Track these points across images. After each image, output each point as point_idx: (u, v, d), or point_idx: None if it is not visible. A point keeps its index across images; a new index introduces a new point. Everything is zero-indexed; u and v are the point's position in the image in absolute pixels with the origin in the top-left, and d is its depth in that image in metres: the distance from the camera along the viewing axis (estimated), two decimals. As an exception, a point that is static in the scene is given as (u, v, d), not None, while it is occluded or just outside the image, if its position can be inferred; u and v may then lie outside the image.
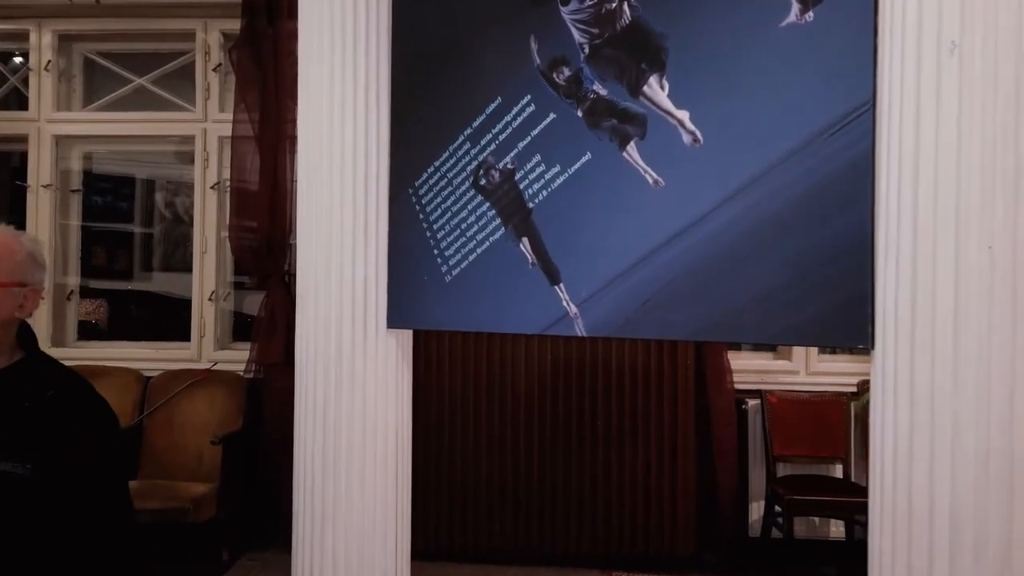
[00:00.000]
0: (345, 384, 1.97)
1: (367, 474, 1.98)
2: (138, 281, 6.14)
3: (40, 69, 4.04)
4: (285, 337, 3.62)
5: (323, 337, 1.99)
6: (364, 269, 1.98)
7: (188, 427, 3.81)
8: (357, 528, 1.96)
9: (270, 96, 3.68)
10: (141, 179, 6.19)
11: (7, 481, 1.35)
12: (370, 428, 1.98)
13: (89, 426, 1.50)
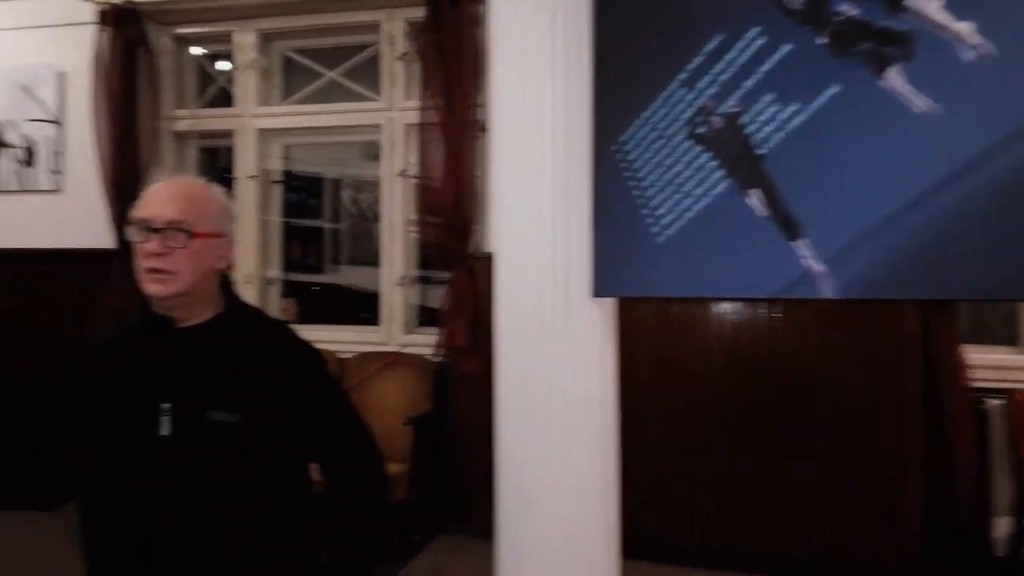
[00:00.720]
0: (546, 358, 1.83)
1: (572, 455, 1.83)
2: (327, 274, 6.48)
3: (245, 66, 4.29)
4: (470, 322, 3.60)
5: (524, 311, 1.86)
6: (567, 235, 1.82)
7: (380, 408, 3.89)
8: (564, 514, 1.82)
9: (454, 82, 3.66)
10: (329, 178, 6.52)
11: (222, 430, 1.35)
12: (573, 405, 1.83)
13: (305, 363, 1.53)
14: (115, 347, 1.44)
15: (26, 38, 4.37)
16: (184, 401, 1.36)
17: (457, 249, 3.64)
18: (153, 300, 1.39)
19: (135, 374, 1.38)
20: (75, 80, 4.25)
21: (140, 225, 1.37)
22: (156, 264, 1.36)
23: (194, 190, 1.45)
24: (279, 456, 1.42)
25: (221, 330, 1.44)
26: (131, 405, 1.35)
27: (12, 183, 4.38)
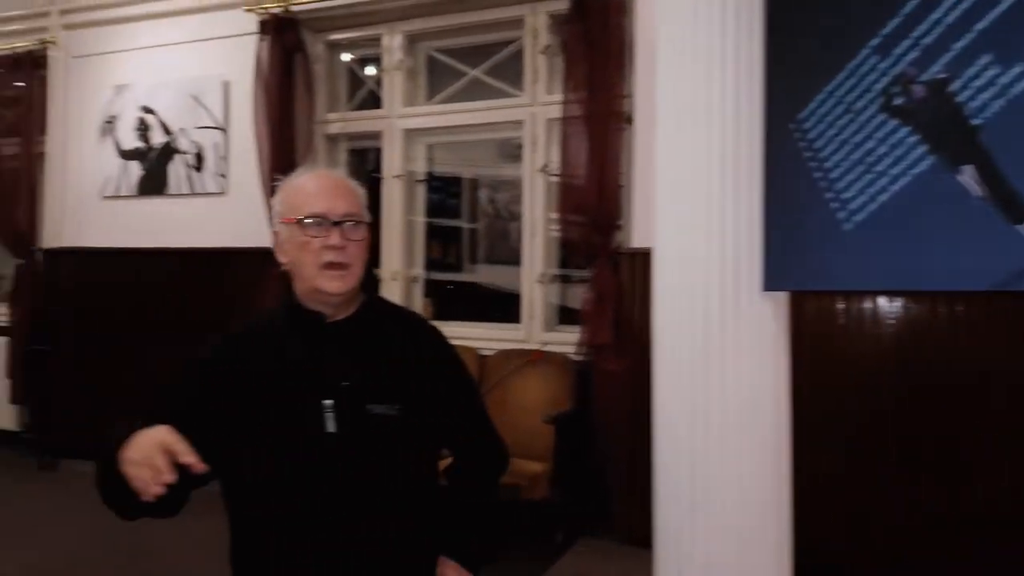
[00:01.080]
0: (714, 358, 1.70)
1: (744, 461, 1.69)
2: (465, 273, 6.55)
3: (392, 68, 4.40)
4: (613, 319, 3.49)
5: (687, 306, 1.74)
6: (735, 224, 1.69)
7: (521, 406, 3.86)
8: (734, 525, 1.68)
9: (598, 73, 3.57)
10: (467, 178, 6.59)
11: (383, 423, 1.35)
12: (746, 407, 1.69)
13: (444, 353, 1.53)
14: (265, 344, 1.40)
15: (195, 51, 4.69)
16: (345, 396, 1.35)
17: (600, 245, 3.54)
18: (323, 297, 1.38)
19: (293, 371, 1.36)
20: (238, 88, 4.52)
21: (315, 220, 1.35)
22: (336, 258, 1.35)
23: (349, 183, 1.46)
24: (431, 445, 1.45)
25: (368, 323, 1.44)
26: (294, 403, 1.33)
27: (183, 187, 4.72)
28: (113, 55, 4.98)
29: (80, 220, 5.09)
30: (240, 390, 1.33)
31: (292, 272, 1.40)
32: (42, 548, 3.53)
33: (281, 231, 1.39)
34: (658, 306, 1.83)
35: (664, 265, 1.81)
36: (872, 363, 3.14)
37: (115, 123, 4.93)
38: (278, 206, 1.41)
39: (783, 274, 1.64)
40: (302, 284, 1.38)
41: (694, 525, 1.72)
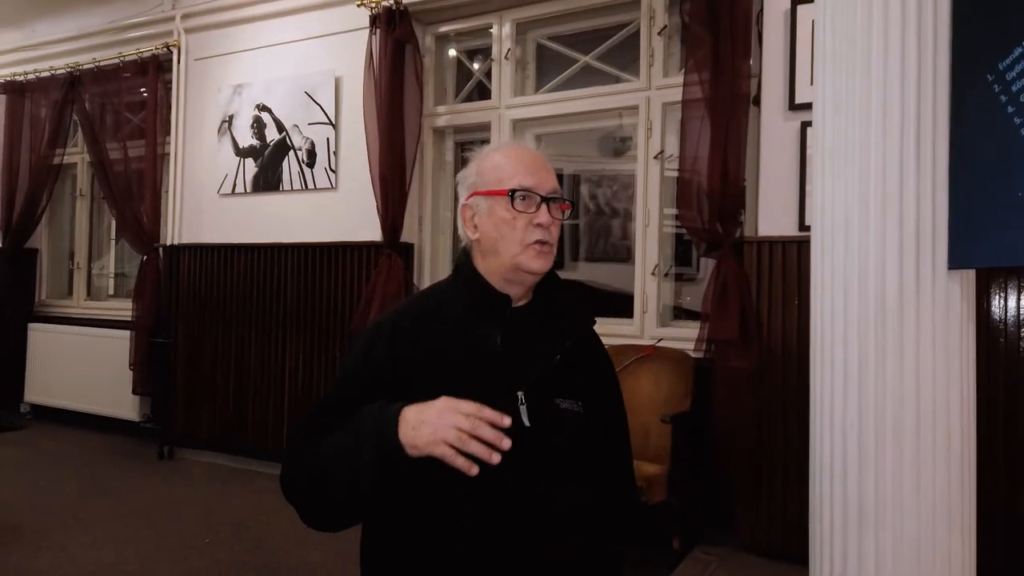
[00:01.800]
0: (890, 346, 1.50)
1: (923, 465, 1.48)
2: (567, 271, 6.43)
3: (500, 58, 4.32)
4: (739, 311, 3.27)
5: (855, 288, 1.54)
6: (915, 192, 1.48)
7: (634, 404, 3.66)
8: (910, 537, 1.47)
9: (723, 52, 3.36)
10: (568, 174, 6.48)
11: (569, 418, 1.30)
12: (927, 403, 1.48)
13: (609, 365, 1.47)
14: (450, 325, 1.30)
15: (309, 47, 4.77)
16: (536, 388, 1.28)
17: (724, 234, 3.33)
18: (521, 276, 1.31)
19: (485, 358, 1.28)
20: (349, 83, 4.55)
21: (526, 193, 1.29)
22: (544, 236, 1.29)
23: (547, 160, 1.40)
24: (606, 445, 1.37)
25: (548, 312, 1.37)
26: (489, 392, 1.23)
27: (296, 183, 4.80)
28: (231, 56, 5.14)
29: (199, 217, 5.27)
30: (431, 374, 1.25)
31: (481, 248, 1.33)
32: (158, 535, 3.63)
33: (477, 204, 1.32)
34: (817, 294, 1.64)
35: (825, 246, 1.61)
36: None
37: (232, 122, 5.07)
38: (475, 177, 1.34)
39: (975, 249, 1.43)
40: (498, 261, 1.30)
41: (862, 541, 1.52)
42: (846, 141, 1.55)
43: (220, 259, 5.13)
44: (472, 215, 1.33)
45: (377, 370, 1.26)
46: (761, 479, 3.28)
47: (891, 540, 1.48)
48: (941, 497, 1.47)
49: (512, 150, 1.35)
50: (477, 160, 1.36)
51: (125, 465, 4.94)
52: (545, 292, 1.37)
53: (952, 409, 1.48)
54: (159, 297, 5.33)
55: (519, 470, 1.20)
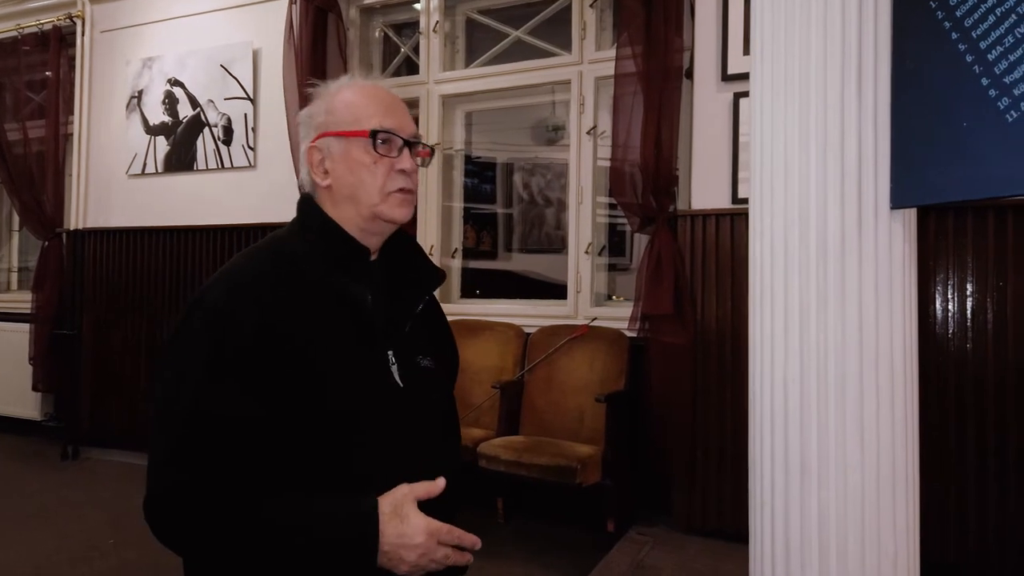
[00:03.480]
0: (832, 292, 1.42)
1: (867, 415, 1.41)
2: (501, 261, 6.32)
3: (429, 32, 4.16)
4: (674, 286, 3.21)
5: (796, 232, 1.46)
6: (857, 129, 1.41)
7: (567, 385, 3.59)
8: (855, 490, 1.40)
9: (656, 27, 3.29)
10: (501, 163, 6.37)
11: (430, 377, 1.22)
12: (869, 349, 1.41)
13: (441, 309, 1.40)
14: (307, 282, 1.12)
15: (224, 18, 4.51)
16: (401, 347, 1.18)
17: (658, 208, 3.27)
18: (380, 227, 1.19)
19: (351, 316, 1.13)
20: (268, 56, 4.32)
21: (387, 136, 1.15)
22: (407, 184, 1.17)
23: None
24: (451, 406, 1.32)
25: (397, 263, 1.25)
26: (367, 357, 1.13)
27: (212, 161, 4.53)
28: (140, 28, 4.83)
29: (106, 200, 4.93)
30: (307, 346, 1.07)
31: (333, 195, 1.18)
32: (58, 538, 3.36)
33: (329, 146, 1.17)
34: (756, 241, 1.55)
35: (764, 190, 1.52)
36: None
37: (142, 98, 4.76)
38: (324, 115, 1.19)
39: (919, 185, 1.36)
40: (355, 210, 1.17)
41: (804, 497, 1.44)
42: (785, 77, 1.47)
43: (130, 244, 4.80)
44: (321, 158, 1.18)
45: (245, 361, 1.03)
46: (696, 457, 3.23)
47: (835, 494, 1.40)
48: (885, 447, 1.40)
49: (367, 87, 1.20)
50: (325, 97, 1.20)
51: (24, 467, 4.58)
52: (391, 243, 1.24)
53: (895, 356, 1.41)
54: (62, 286, 4.97)
55: (400, 435, 1.12)
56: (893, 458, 1.41)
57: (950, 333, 2.82)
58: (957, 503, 2.77)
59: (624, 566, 2.88)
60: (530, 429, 3.60)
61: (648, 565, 2.89)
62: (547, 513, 3.49)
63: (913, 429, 1.46)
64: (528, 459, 3.18)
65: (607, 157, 3.78)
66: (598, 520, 3.28)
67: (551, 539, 3.31)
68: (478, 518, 3.44)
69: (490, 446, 3.31)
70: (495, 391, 3.58)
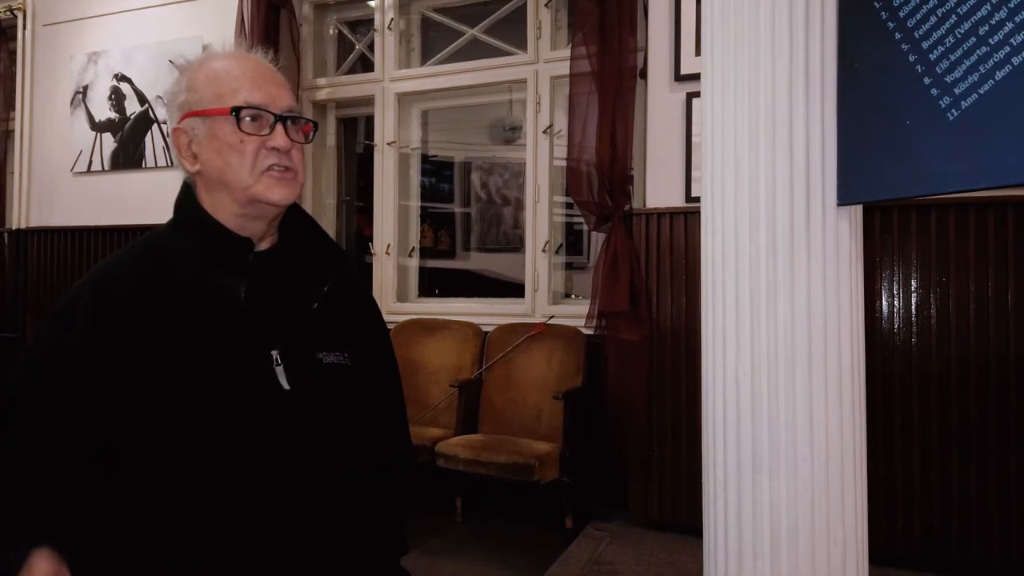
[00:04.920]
0: (782, 287, 1.45)
1: (815, 407, 1.44)
2: (459, 260, 6.31)
3: (384, 29, 4.13)
4: (629, 283, 3.24)
5: (746, 228, 1.49)
6: (805, 126, 1.44)
7: (525, 383, 3.60)
8: (805, 481, 1.43)
9: (611, 27, 3.32)
10: (459, 162, 6.36)
11: (336, 374, 1.10)
12: (818, 344, 1.44)
13: (375, 308, 1.30)
14: (178, 279, 1.04)
15: (173, 12, 4.41)
16: (292, 344, 1.06)
17: (613, 206, 3.29)
18: (260, 210, 1.08)
19: (226, 314, 1.03)
20: (219, 51, 4.23)
21: (254, 112, 1.05)
22: (281, 161, 1.07)
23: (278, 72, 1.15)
24: (381, 399, 1.20)
25: (299, 254, 1.15)
26: (235, 355, 1.02)
27: (162, 158, 4.42)
28: (85, 21, 4.69)
29: (50, 198, 4.78)
30: (161, 343, 0.98)
31: (205, 182, 1.08)
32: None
33: (193, 127, 1.07)
34: (708, 238, 1.57)
35: (715, 187, 1.55)
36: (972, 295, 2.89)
37: (87, 93, 4.63)
38: (186, 93, 1.08)
39: (863, 181, 1.39)
40: (228, 195, 1.07)
41: (756, 488, 1.46)
42: (735, 77, 1.49)
43: (76, 243, 4.66)
44: (188, 141, 1.08)
45: (77, 351, 0.96)
46: (652, 453, 3.27)
47: (786, 485, 1.43)
48: (834, 439, 1.43)
49: (232, 59, 1.09)
50: (187, 72, 1.09)
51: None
52: (292, 232, 1.16)
53: (843, 349, 1.44)
54: (4, 286, 4.80)
55: (283, 447, 1.00)
56: (842, 449, 1.44)
57: (896, 328, 2.90)
58: (904, 492, 2.85)
59: (583, 561, 2.89)
60: (489, 427, 3.59)
61: (606, 560, 2.91)
62: (505, 511, 3.49)
63: (861, 420, 1.49)
64: (486, 457, 3.17)
65: (563, 156, 3.80)
66: (556, 517, 3.30)
67: (509, 537, 3.31)
68: (436, 517, 3.43)
69: (448, 445, 3.30)
70: (453, 390, 3.57)
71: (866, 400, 1.54)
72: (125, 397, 0.95)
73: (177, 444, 0.96)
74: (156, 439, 0.96)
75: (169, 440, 0.96)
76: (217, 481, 0.96)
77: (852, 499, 1.45)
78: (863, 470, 1.49)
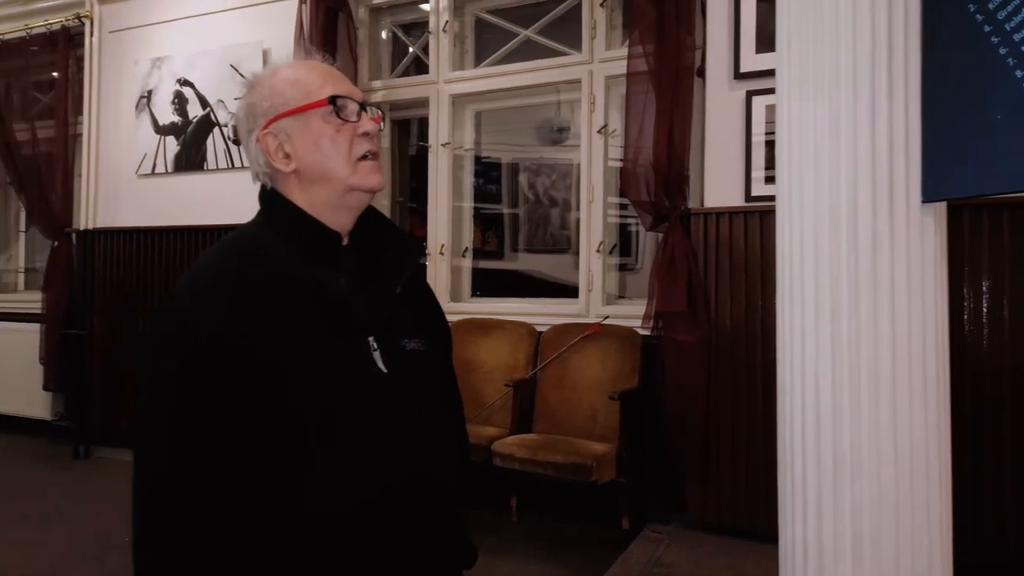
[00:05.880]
0: (863, 287, 1.42)
1: (900, 410, 1.41)
2: (507, 260, 6.32)
3: (438, 31, 4.17)
4: (687, 284, 3.21)
5: (824, 229, 1.47)
6: (888, 121, 1.41)
7: (580, 383, 3.60)
8: (888, 486, 1.40)
9: (668, 25, 3.29)
10: (506, 163, 6.38)
11: (418, 360, 1.14)
12: (902, 344, 1.41)
13: (428, 286, 1.32)
14: (288, 277, 1.07)
15: (234, 18, 4.52)
16: (382, 331, 1.10)
17: (670, 206, 3.27)
18: (356, 199, 1.12)
19: (331, 307, 1.07)
20: (278, 56, 4.31)
21: (345, 100, 1.09)
22: (373, 147, 1.11)
23: None
24: (450, 386, 1.25)
25: (369, 244, 1.17)
26: (343, 346, 1.06)
27: (223, 161, 4.53)
28: (149, 28, 4.83)
29: (115, 200, 4.94)
30: (277, 339, 1.01)
31: (301, 179, 1.11)
32: (72, 536, 3.37)
33: (286, 127, 1.10)
34: (784, 235, 1.56)
35: (792, 183, 1.53)
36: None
37: (151, 98, 4.77)
38: (269, 100, 1.10)
39: (951, 178, 1.36)
40: (327, 187, 1.10)
41: (837, 493, 1.44)
42: (814, 72, 1.47)
43: (139, 243, 4.81)
44: (279, 144, 1.10)
45: (210, 357, 0.99)
46: (711, 454, 3.23)
47: (868, 488, 1.40)
48: (919, 442, 1.41)
49: (303, 63, 1.15)
50: (263, 84, 1.12)
51: (36, 466, 4.58)
52: (361, 225, 1.18)
53: (928, 350, 1.42)
54: (72, 285, 4.97)
55: (389, 422, 1.04)
56: (927, 453, 1.41)
57: (966, 330, 2.82)
58: (995, 502, 2.75)
59: (641, 563, 2.88)
60: (543, 427, 3.60)
61: (665, 563, 2.89)
62: (560, 511, 3.49)
63: (945, 423, 1.46)
64: (543, 457, 3.18)
65: (617, 157, 3.79)
66: (611, 518, 3.29)
67: (565, 537, 3.31)
68: (491, 516, 3.44)
69: (504, 444, 3.32)
70: (507, 389, 3.59)
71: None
72: (240, 406, 0.98)
73: (289, 426, 0.99)
74: (266, 439, 0.98)
75: (279, 436, 0.98)
76: (328, 462, 0.99)
77: (937, 504, 1.42)
78: (948, 475, 1.45)
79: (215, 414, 0.98)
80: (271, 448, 0.99)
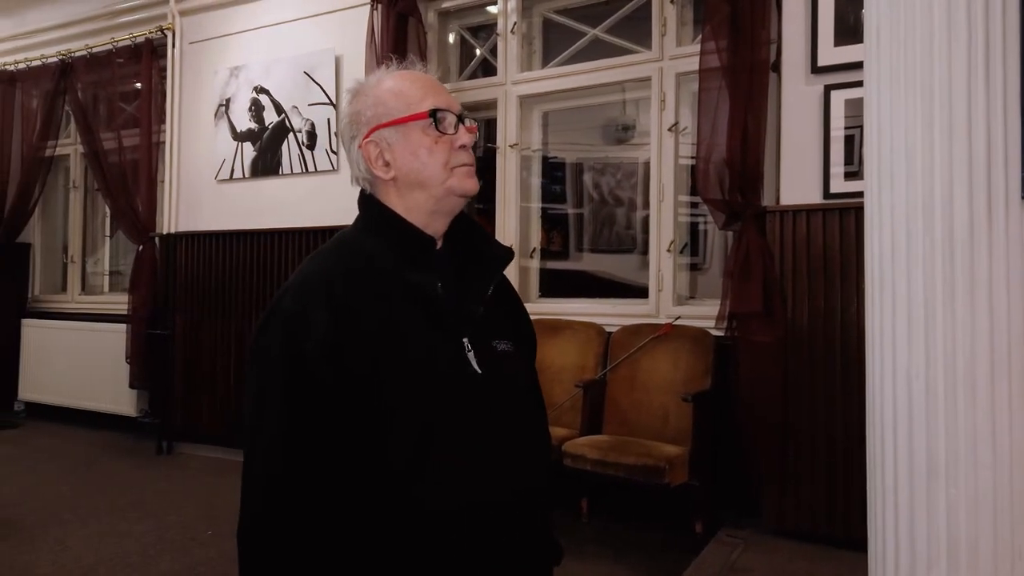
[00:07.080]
0: (959, 285, 1.37)
1: (999, 412, 1.36)
2: (572, 261, 6.31)
3: (507, 33, 4.20)
4: (762, 284, 3.15)
5: (919, 222, 1.42)
6: (985, 115, 1.36)
7: (651, 384, 3.57)
8: (985, 490, 1.36)
9: (742, 20, 3.24)
10: (571, 163, 6.36)
11: (509, 360, 1.17)
12: (1001, 345, 1.36)
13: (513, 289, 1.35)
14: (391, 282, 1.11)
15: (307, 26, 4.65)
16: (476, 332, 1.13)
17: (744, 204, 3.21)
18: (453, 204, 1.16)
19: (429, 309, 1.11)
20: (350, 62, 4.43)
21: (445, 113, 1.13)
22: (471, 159, 1.15)
23: None
24: (535, 387, 1.27)
25: (460, 247, 1.20)
26: (442, 347, 1.10)
27: (297, 166, 4.66)
28: (227, 38, 5.01)
29: (196, 204, 5.14)
30: (383, 341, 1.05)
31: (399, 186, 1.15)
32: (158, 528, 3.51)
33: (387, 137, 1.14)
34: (874, 231, 1.51)
35: (882, 178, 1.48)
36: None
37: (229, 105, 4.94)
38: (372, 110, 1.15)
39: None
40: (425, 193, 1.14)
41: (931, 495, 1.39)
42: (905, 66, 1.43)
43: (218, 246, 4.99)
44: (379, 152, 1.14)
45: (321, 366, 1.02)
46: (787, 458, 3.16)
47: (965, 493, 1.35)
48: (1019, 446, 1.35)
49: (406, 74, 1.18)
50: (367, 93, 1.17)
51: (123, 461, 4.80)
52: (453, 229, 1.21)
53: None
54: (155, 287, 5.19)
55: (483, 420, 1.08)
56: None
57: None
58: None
59: (716, 568, 2.84)
60: (613, 428, 3.58)
61: (741, 568, 2.85)
62: (631, 513, 3.47)
63: (1049, 427, 1.40)
64: (615, 458, 3.16)
65: (687, 155, 3.74)
66: (683, 521, 3.25)
67: (635, 540, 3.29)
68: (561, 517, 3.44)
69: (575, 445, 3.31)
70: (577, 390, 3.58)
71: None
72: (346, 393, 1.02)
73: (390, 423, 1.02)
74: (372, 438, 1.02)
75: (384, 422, 1.02)
76: (423, 459, 1.02)
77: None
78: (1053, 480, 1.39)
79: (325, 414, 1.02)
80: (376, 447, 1.02)
